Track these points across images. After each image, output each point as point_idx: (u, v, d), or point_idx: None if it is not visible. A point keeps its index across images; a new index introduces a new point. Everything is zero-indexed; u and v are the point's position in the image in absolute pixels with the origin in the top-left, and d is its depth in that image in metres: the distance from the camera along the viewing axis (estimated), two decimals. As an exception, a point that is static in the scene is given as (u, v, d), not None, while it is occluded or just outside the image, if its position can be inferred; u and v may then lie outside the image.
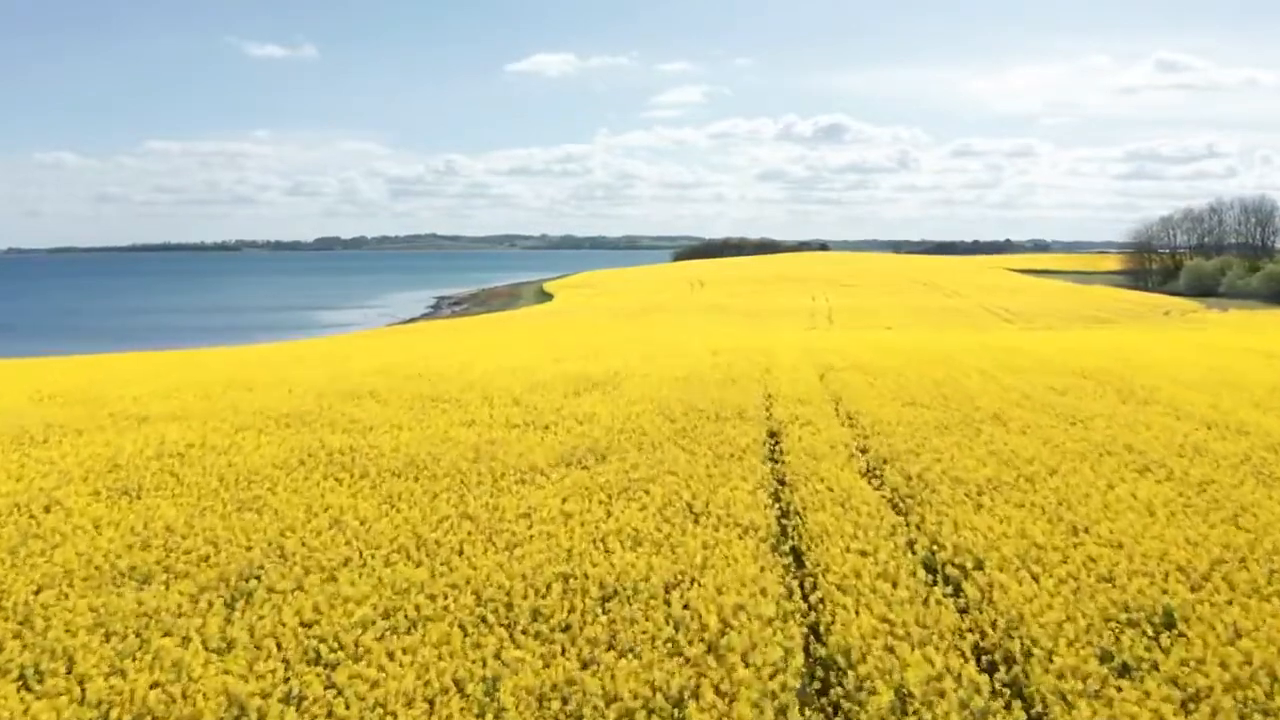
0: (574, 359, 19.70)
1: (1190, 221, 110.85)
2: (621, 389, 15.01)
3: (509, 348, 23.87)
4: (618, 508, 8.09)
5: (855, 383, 16.03)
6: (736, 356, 20.54)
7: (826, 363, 19.16)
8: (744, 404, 13.27)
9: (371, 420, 12.18)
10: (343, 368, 17.91)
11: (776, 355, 21.30)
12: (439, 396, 14.16)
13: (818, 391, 15.07)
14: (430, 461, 9.63)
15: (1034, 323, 50.80)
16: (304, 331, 67.34)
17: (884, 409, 13.12)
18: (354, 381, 15.70)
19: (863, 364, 18.69)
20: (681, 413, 12.49)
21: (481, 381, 15.62)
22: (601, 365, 18.02)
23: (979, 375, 17.19)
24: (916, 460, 9.87)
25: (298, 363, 19.07)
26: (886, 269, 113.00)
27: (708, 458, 9.95)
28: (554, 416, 12.41)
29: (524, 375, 16.59)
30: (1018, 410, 12.95)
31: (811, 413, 12.85)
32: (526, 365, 18.19)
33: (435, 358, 20.00)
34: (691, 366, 18.26)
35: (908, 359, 19.84)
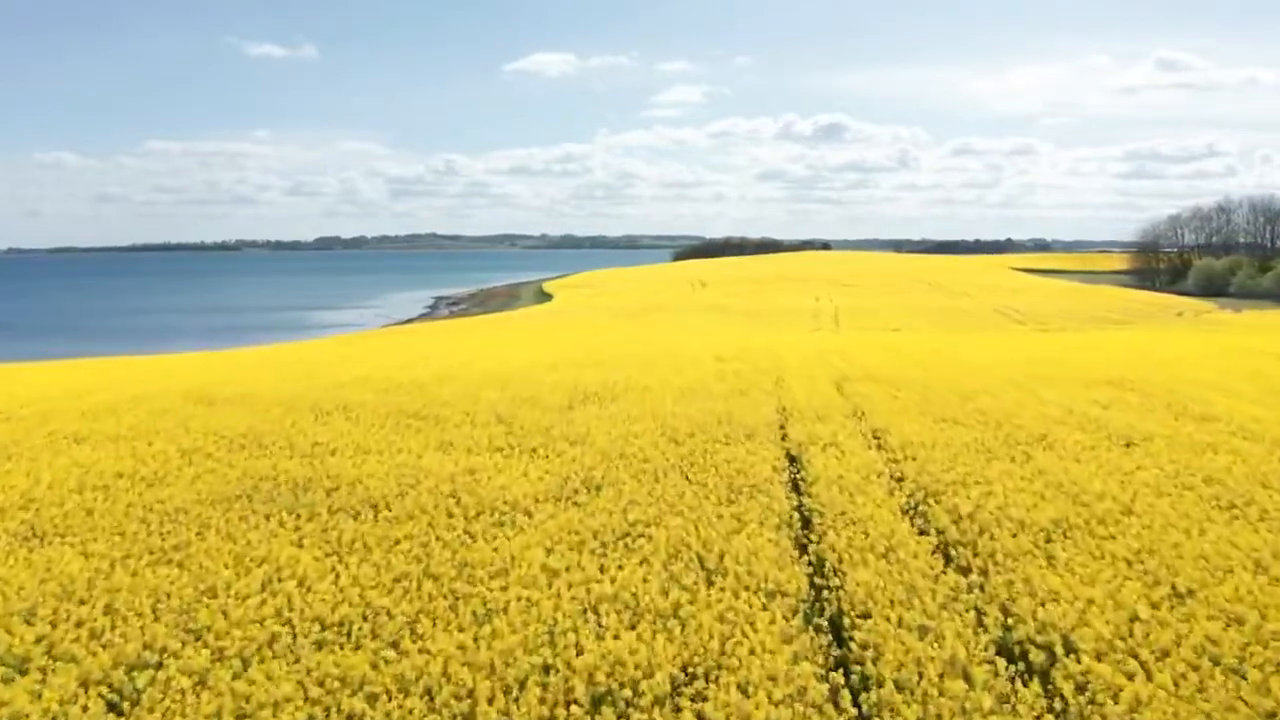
0: (569, 366, 18.28)
1: (1199, 220, 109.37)
2: (620, 402, 13.60)
3: (501, 353, 22.46)
4: (613, 560, 6.68)
5: (876, 395, 14.62)
6: (743, 364, 19.13)
7: (842, 371, 17.73)
8: (756, 421, 11.85)
9: (337, 442, 10.76)
10: (319, 377, 16.50)
11: (786, 362, 19.88)
12: (417, 412, 12.74)
13: (836, 405, 13.66)
14: (395, 498, 8.21)
15: (1046, 324, 49.34)
16: (297, 333, 65.95)
17: (914, 427, 11.71)
18: (326, 394, 14.29)
19: (881, 373, 17.27)
20: (687, 433, 11.08)
21: (466, 394, 14.20)
22: (598, 375, 16.60)
23: (1010, 386, 15.77)
24: (964, 495, 8.46)
25: (272, 371, 17.68)
26: (889, 268, 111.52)
27: (719, 492, 8.54)
28: (543, 438, 11.00)
29: (513, 386, 15.17)
30: (1063, 429, 11.52)
31: (832, 432, 11.43)
32: (517, 373, 16.77)
33: (420, 364, 18.59)
34: (695, 375, 16.85)
35: (928, 367, 18.42)
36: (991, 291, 76.65)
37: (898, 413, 12.89)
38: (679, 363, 19.24)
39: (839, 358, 21.07)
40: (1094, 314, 56.36)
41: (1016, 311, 57.34)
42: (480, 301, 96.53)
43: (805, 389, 15.18)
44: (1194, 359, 21.68)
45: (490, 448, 10.60)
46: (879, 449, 10.90)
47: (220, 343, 58.96)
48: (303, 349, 28.14)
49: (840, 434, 11.35)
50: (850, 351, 23.16)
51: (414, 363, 18.65)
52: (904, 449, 10.58)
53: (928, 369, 18.17)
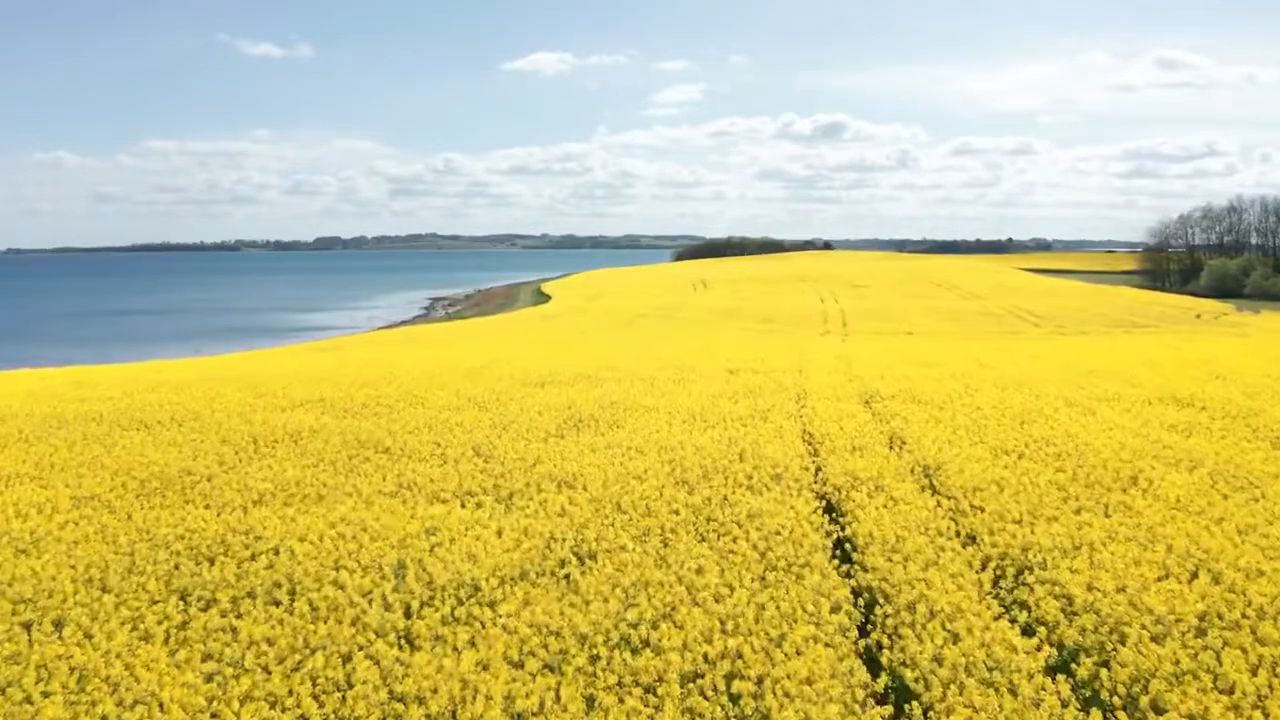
0: (562, 382, 16.30)
1: (1209, 220, 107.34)
2: (619, 429, 11.62)
3: (487, 364, 20.47)
4: (607, 696, 4.69)
5: (915, 418, 12.64)
6: (758, 376, 17.14)
7: (869, 386, 15.74)
8: (782, 457, 9.86)
9: (271, 484, 8.79)
10: (276, 394, 14.51)
11: (806, 375, 17.90)
12: (379, 442, 10.76)
13: (872, 432, 11.68)
14: (313, 584, 6.22)
15: (1064, 327, 47.30)
16: (284, 337, 64.03)
17: (970, 462, 9.73)
18: (278, 417, 12.31)
19: (914, 388, 15.28)
20: (700, 472, 9.10)
21: (441, 418, 12.22)
22: (595, 393, 14.63)
23: (1066, 405, 13.80)
24: (1066, 568, 6.49)
25: (223, 386, 15.71)
26: (895, 269, 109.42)
27: (749, 564, 6.56)
28: (525, 478, 9.01)
29: (496, 408, 13.20)
30: (1154, 466, 9.53)
31: (876, 470, 9.45)
32: (502, 392, 14.79)
33: (397, 378, 16.60)
34: (705, 393, 14.88)
35: (966, 381, 16.42)
36: (1002, 292, 74.60)
37: (946, 442, 10.91)
38: (686, 376, 17.26)
39: (862, 369, 19.08)
40: (1111, 316, 54.30)
41: (1031, 314, 55.29)
42: (477, 303, 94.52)
43: (832, 409, 13.20)
44: (1252, 370, 19.67)
45: (460, 492, 8.63)
46: (933, 492, 8.92)
47: (200, 347, 57.16)
48: (269, 358, 26.09)
49: (885, 472, 9.38)
50: (872, 361, 21.17)
51: (387, 377, 16.66)
52: (967, 493, 8.61)
53: (964, 383, 16.18)
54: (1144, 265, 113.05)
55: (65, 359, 54.62)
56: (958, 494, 8.64)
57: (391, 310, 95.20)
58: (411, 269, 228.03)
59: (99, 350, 60.14)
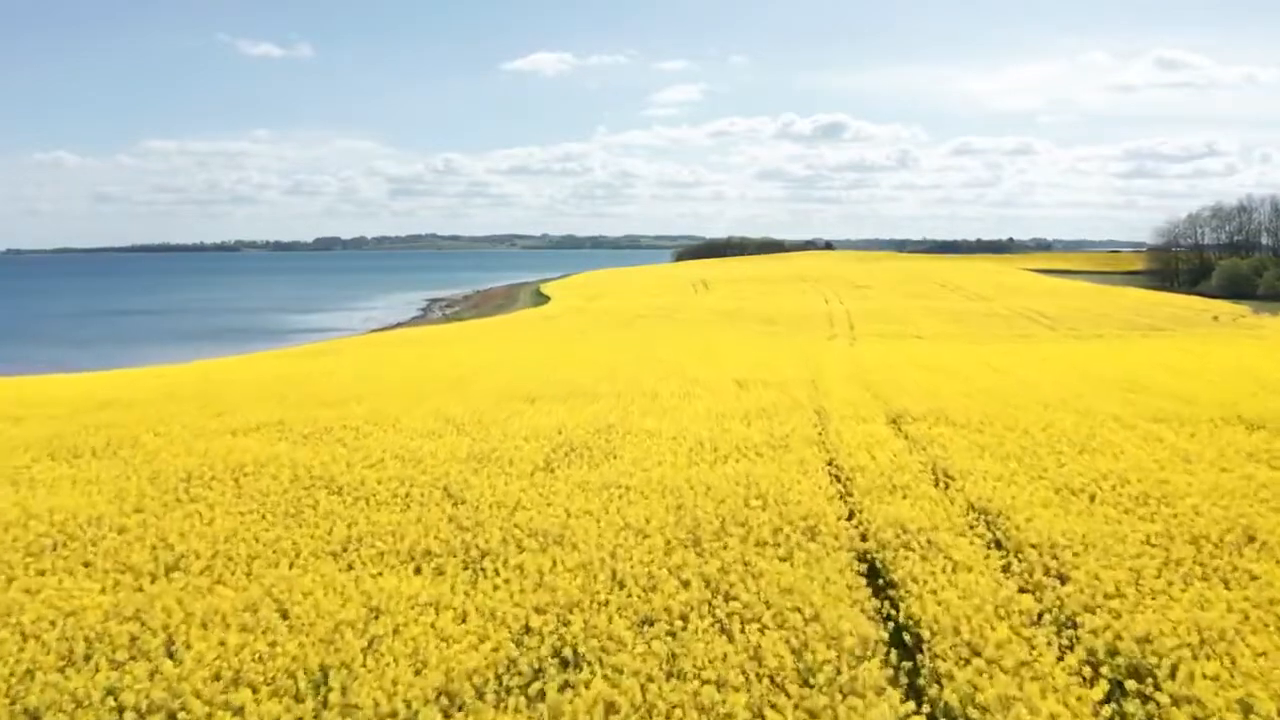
0: (554, 397, 14.71)
1: (1219, 219, 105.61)
2: (616, 461, 10.03)
3: (477, 373, 18.90)
4: None
5: (955, 444, 11.04)
6: (770, 392, 15.55)
7: (895, 404, 14.14)
8: (810, 501, 8.26)
9: (184, 544, 7.19)
10: (231, 414, 12.92)
11: (821, 388, 16.30)
12: (334, 479, 9.17)
13: (909, 464, 10.07)
14: (200, 714, 4.61)
15: (1078, 329, 45.66)
16: (275, 340, 62.42)
17: (1036, 508, 8.14)
18: (224, 444, 10.71)
19: (945, 405, 13.68)
20: (714, 526, 7.50)
21: (411, 446, 10.62)
22: (589, 412, 13.03)
23: (1123, 429, 12.20)
24: (1203, 674, 4.91)
25: (177, 404, 14.11)
26: (898, 269, 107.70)
27: (784, 667, 4.98)
28: (499, 533, 7.41)
29: (476, 432, 11.59)
30: (1259, 513, 7.92)
31: (923, 518, 7.85)
32: (485, 411, 13.19)
33: (370, 394, 15.02)
34: (713, 411, 13.29)
35: (1001, 398, 14.82)
36: (1010, 293, 72.93)
37: (999, 478, 9.32)
38: (690, 389, 15.67)
39: (881, 380, 17.49)
40: (1124, 318, 52.64)
41: (1041, 315, 53.60)
42: (475, 304, 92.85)
43: (859, 434, 11.61)
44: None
45: (418, 552, 7.03)
46: (1000, 550, 7.32)
47: (192, 349, 55.52)
48: (242, 367, 24.44)
49: (936, 522, 7.78)
50: (890, 371, 19.57)
51: (359, 393, 15.06)
52: (1042, 553, 7.02)
53: (1000, 400, 14.58)
54: (1152, 265, 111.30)
55: (57, 360, 53.16)
56: (1031, 554, 7.04)
57: (388, 311, 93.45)
58: (411, 269, 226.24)
59: (90, 352, 58.59)
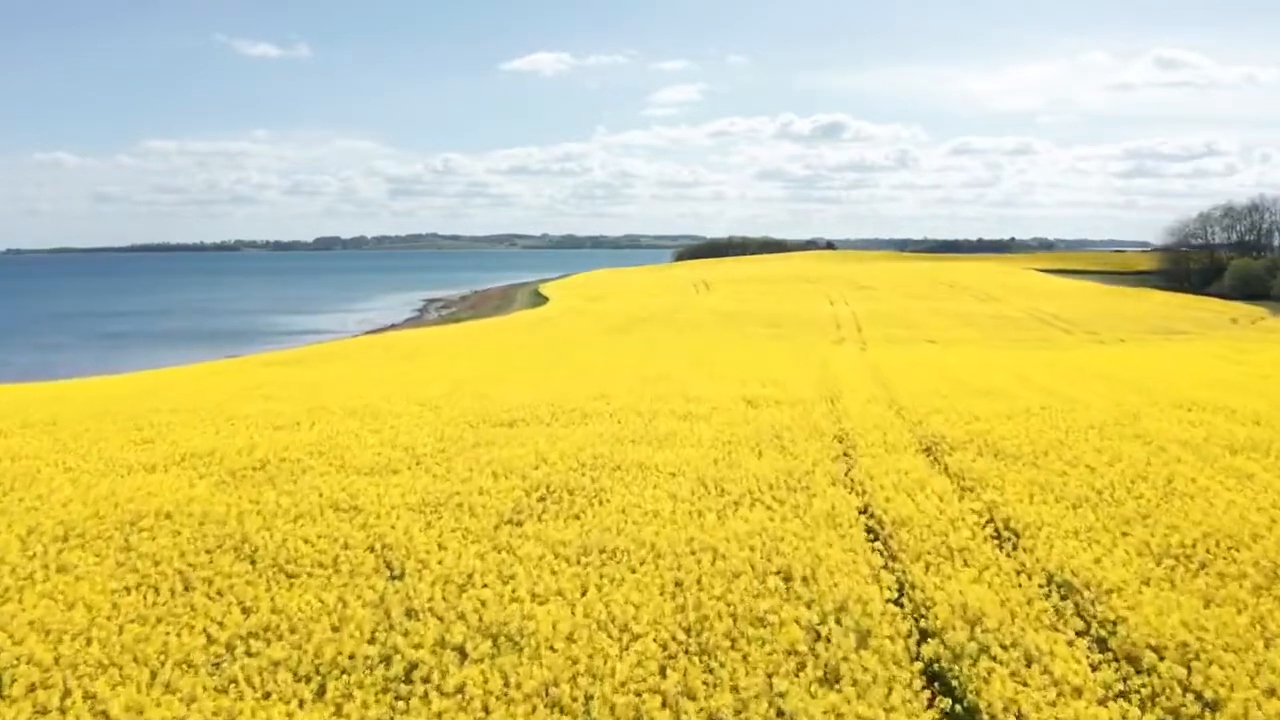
0: (537, 419, 12.89)
1: (1231, 219, 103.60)
2: (602, 507, 8.21)
3: (455, 389, 17.07)
4: None
5: (1010, 484, 9.23)
6: (783, 411, 13.72)
7: (928, 428, 12.31)
8: (849, 577, 6.43)
9: (17, 648, 5.39)
10: (157, 442, 11.10)
11: (840, 406, 14.46)
12: (247, 539, 7.35)
13: (960, 514, 8.24)
14: None
15: (1098, 333, 43.76)
16: (265, 342, 60.69)
17: (1130, 580, 6.35)
18: (131, 486, 8.89)
19: (989, 433, 11.84)
20: (728, 626, 5.68)
21: (355, 488, 8.80)
22: (573, 440, 11.19)
23: (1198, 461, 10.38)
24: None
25: (102, 426, 12.28)
26: (903, 269, 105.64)
27: None
28: (438, 630, 5.60)
29: (440, 467, 9.77)
30: None
31: (995, 603, 6.05)
32: (456, 438, 11.37)
33: (326, 417, 13.20)
34: (719, 438, 11.47)
35: (1050, 420, 12.97)
36: (1019, 294, 70.97)
37: (1074, 534, 7.52)
38: (692, 409, 13.85)
39: (907, 396, 15.65)
40: (1144, 321, 50.73)
41: (1056, 318, 51.67)
42: (472, 305, 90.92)
43: (892, 470, 9.78)
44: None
45: (326, 667, 5.22)
46: (1104, 650, 5.52)
47: (179, 353, 53.81)
48: (200, 376, 22.37)
49: (1015, 606, 5.97)
50: (914, 384, 17.71)
51: (314, 415, 13.23)
52: (1165, 656, 5.21)
53: (1047, 421, 12.75)
54: (1162, 265, 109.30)
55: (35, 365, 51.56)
56: (1152, 661, 5.23)
57: (384, 312, 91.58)
58: (410, 269, 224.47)
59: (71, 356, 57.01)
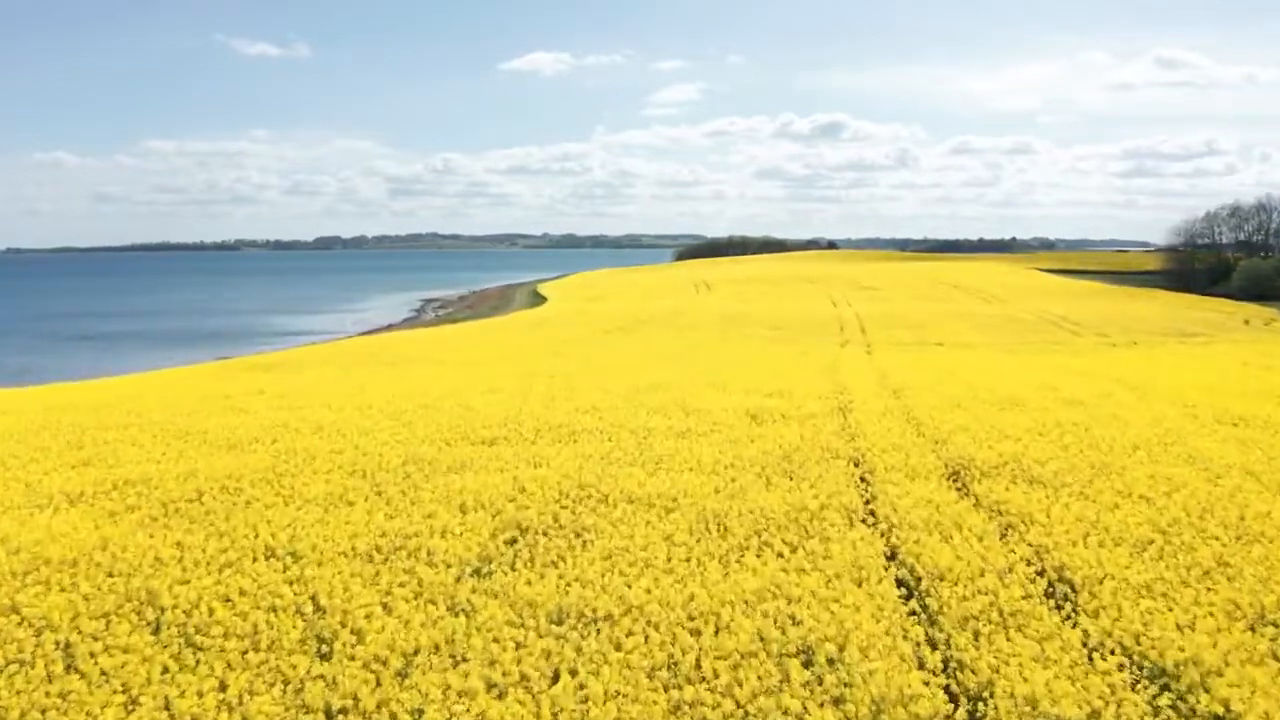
0: (520, 437, 11.65)
1: (1238, 218, 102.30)
2: (583, 553, 6.96)
3: (435, 401, 15.83)
4: None
5: (1058, 523, 7.97)
6: (791, 428, 12.46)
7: (955, 449, 11.05)
8: (886, 659, 5.19)
9: None
10: (88, 466, 9.86)
11: (852, 421, 13.20)
12: (148, 599, 6.10)
13: (1009, 564, 6.99)
14: None
15: (1111, 336, 42.47)
16: (260, 343, 59.51)
17: (1230, 663, 5.11)
18: (25, 533, 7.65)
19: (1023, 456, 10.57)
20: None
21: (294, 529, 7.54)
22: (561, 459, 9.92)
23: (1264, 491, 9.11)
24: None
25: (34, 439, 11.04)
26: (906, 269, 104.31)
27: None
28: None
29: (396, 497, 8.51)
30: None
31: (1069, 695, 4.80)
32: (427, 461, 10.12)
33: (287, 433, 11.96)
34: (721, 461, 10.22)
35: (1088, 438, 11.69)
36: (1026, 295, 69.69)
37: (1146, 591, 6.28)
38: (691, 425, 12.60)
39: (924, 409, 14.37)
40: (1157, 323, 49.44)
41: (1065, 319, 50.38)
42: (470, 305, 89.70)
43: (919, 502, 8.53)
44: None
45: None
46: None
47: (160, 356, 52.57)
48: (169, 384, 20.79)
49: (1096, 704, 4.72)
50: (930, 394, 16.41)
51: (275, 430, 11.97)
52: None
53: (1085, 440, 11.48)
54: (1167, 265, 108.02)
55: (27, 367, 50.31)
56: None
57: (380, 312, 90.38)
58: (410, 269, 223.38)
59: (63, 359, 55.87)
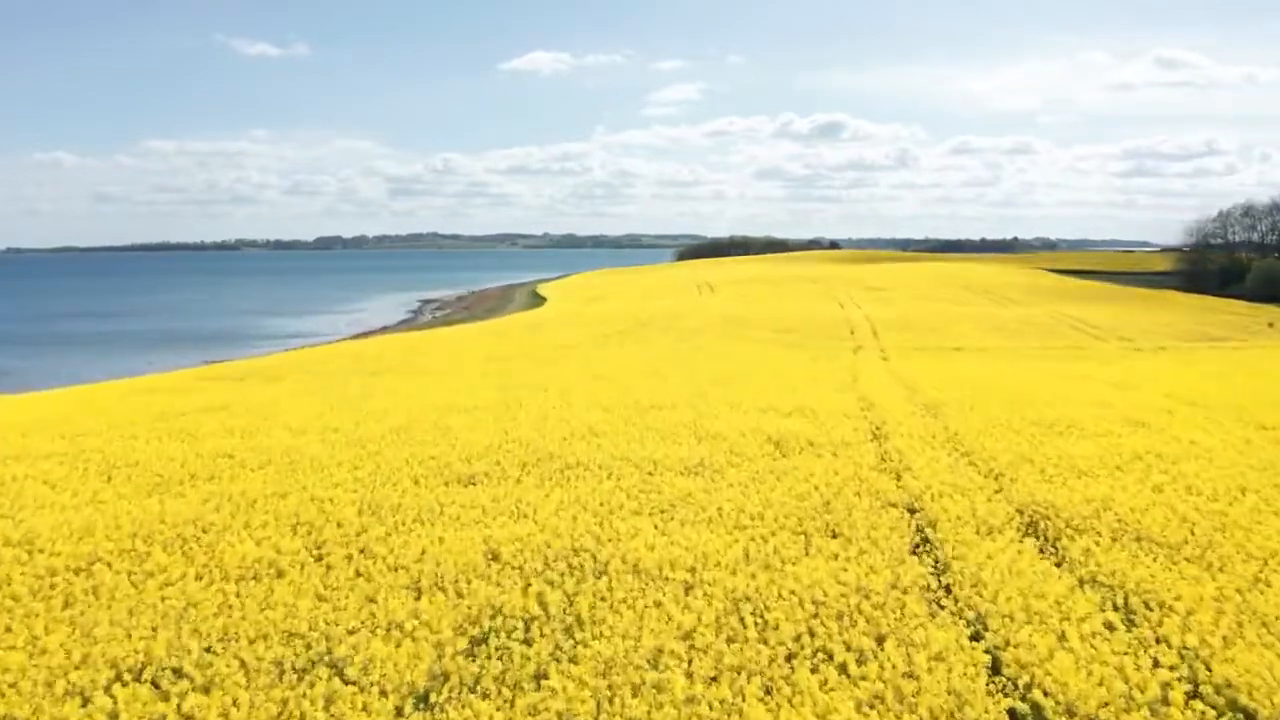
0: (500, 474, 9.82)
1: (1251, 218, 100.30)
2: (569, 671, 5.13)
3: (408, 426, 14.03)
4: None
5: (1185, 600, 6.15)
6: (824, 463, 10.60)
7: (1026, 491, 9.20)
8: None
9: None
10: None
11: (895, 449, 11.34)
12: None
13: (1142, 675, 5.16)
14: None
15: (1135, 340, 40.59)
16: (250, 346, 57.74)
17: None
18: None
19: (1112, 500, 8.74)
20: None
21: (184, 624, 5.73)
22: (546, 513, 8.09)
23: None
24: None
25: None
26: (911, 270, 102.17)
27: None
28: None
29: (340, 565, 6.69)
30: None
31: None
32: (383, 507, 8.30)
33: (229, 471, 10.15)
34: (745, 511, 8.38)
35: (1175, 472, 9.84)
36: (1039, 296, 67.78)
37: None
38: (707, 457, 10.75)
39: (971, 432, 12.51)
40: (1177, 327, 47.56)
41: (1085, 323, 48.46)
42: (467, 306, 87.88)
43: (1001, 573, 6.70)
44: None
45: None
46: None
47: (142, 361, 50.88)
48: (128, 395, 18.89)
49: None
50: (971, 413, 14.51)
51: (216, 465, 10.13)
52: None
53: (1171, 474, 9.63)
54: (1178, 266, 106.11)
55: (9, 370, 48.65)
56: None
57: (377, 314, 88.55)
58: (410, 269, 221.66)
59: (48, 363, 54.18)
